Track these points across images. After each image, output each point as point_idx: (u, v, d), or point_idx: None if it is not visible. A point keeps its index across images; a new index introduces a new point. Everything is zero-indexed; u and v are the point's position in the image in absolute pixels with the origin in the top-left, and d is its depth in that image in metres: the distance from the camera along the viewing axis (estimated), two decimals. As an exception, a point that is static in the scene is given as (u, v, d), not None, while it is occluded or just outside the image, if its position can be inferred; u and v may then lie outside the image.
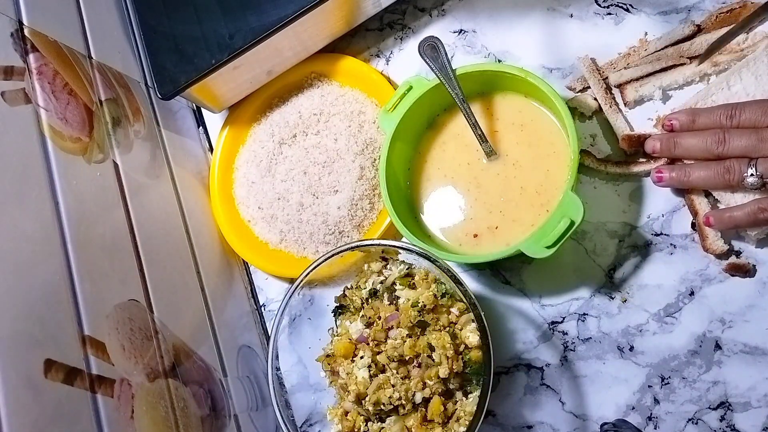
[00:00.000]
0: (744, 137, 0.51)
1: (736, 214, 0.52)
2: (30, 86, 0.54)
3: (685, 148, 0.55)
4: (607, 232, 0.59)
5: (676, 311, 0.56)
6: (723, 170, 0.52)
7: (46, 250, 0.49)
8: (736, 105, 0.53)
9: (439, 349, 0.53)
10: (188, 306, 0.63)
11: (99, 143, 0.59)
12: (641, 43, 0.62)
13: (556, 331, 0.60)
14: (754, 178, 0.51)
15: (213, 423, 0.58)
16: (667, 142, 0.55)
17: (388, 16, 0.72)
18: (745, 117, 0.52)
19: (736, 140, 0.52)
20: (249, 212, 0.72)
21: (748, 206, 0.52)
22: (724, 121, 0.53)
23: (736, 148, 0.52)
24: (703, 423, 0.54)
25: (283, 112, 0.73)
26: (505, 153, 0.62)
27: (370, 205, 0.67)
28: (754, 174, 0.51)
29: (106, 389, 0.48)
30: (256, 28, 0.64)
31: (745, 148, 0.51)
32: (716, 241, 0.55)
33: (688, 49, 0.59)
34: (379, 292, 0.58)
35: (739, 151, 0.52)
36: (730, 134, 0.52)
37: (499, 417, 0.60)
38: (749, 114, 0.52)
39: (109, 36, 0.69)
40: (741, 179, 0.51)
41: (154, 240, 0.61)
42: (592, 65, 0.62)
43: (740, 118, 0.52)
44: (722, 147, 0.52)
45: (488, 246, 0.60)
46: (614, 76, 0.61)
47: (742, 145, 0.52)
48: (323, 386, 0.62)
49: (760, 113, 0.51)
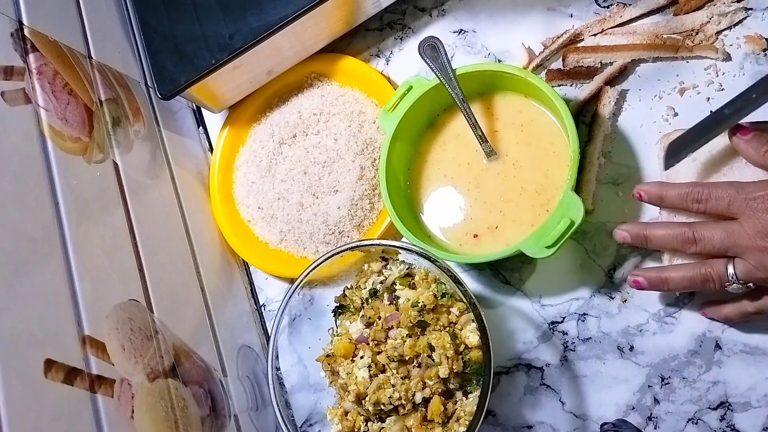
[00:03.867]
0: (716, 237, 0.49)
1: (729, 313, 0.52)
2: (30, 86, 0.54)
3: (657, 243, 0.53)
4: (607, 232, 0.59)
5: (676, 311, 0.56)
6: (701, 279, 0.50)
7: (46, 250, 0.49)
8: (703, 188, 0.50)
9: (439, 349, 0.53)
10: (188, 306, 0.63)
11: (99, 143, 0.59)
12: (618, 8, 0.63)
13: (556, 331, 0.60)
14: (737, 286, 0.49)
15: (213, 423, 0.58)
16: (637, 236, 0.54)
17: (388, 16, 0.72)
18: (711, 205, 0.50)
19: (707, 240, 0.50)
20: (249, 212, 0.72)
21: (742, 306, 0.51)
22: (690, 205, 0.51)
23: (709, 249, 0.50)
24: (703, 423, 0.54)
25: (283, 112, 0.73)
26: (505, 153, 0.62)
27: (370, 205, 0.67)
28: (736, 282, 0.49)
29: (106, 389, 0.48)
30: (256, 28, 0.64)
31: (718, 250, 0.49)
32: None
33: (665, 26, 0.61)
34: (379, 292, 0.58)
35: (712, 252, 0.50)
36: (699, 233, 0.50)
37: (499, 417, 0.60)
38: (716, 202, 0.50)
39: (109, 36, 0.69)
40: (723, 287, 0.50)
41: (154, 240, 0.61)
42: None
43: (707, 205, 0.50)
44: (694, 247, 0.50)
45: (488, 246, 0.60)
46: (589, 40, 0.63)
47: (715, 246, 0.49)
48: (323, 386, 0.62)
49: (726, 203, 0.49)
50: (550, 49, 0.64)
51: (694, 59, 0.60)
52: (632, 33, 0.62)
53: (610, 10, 0.64)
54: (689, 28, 0.60)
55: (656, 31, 0.61)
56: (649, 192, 0.54)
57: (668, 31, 0.61)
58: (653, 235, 0.53)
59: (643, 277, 0.53)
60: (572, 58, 0.63)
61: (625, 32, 0.62)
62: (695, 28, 0.60)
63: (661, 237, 0.52)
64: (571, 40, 0.64)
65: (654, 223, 0.55)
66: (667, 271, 0.53)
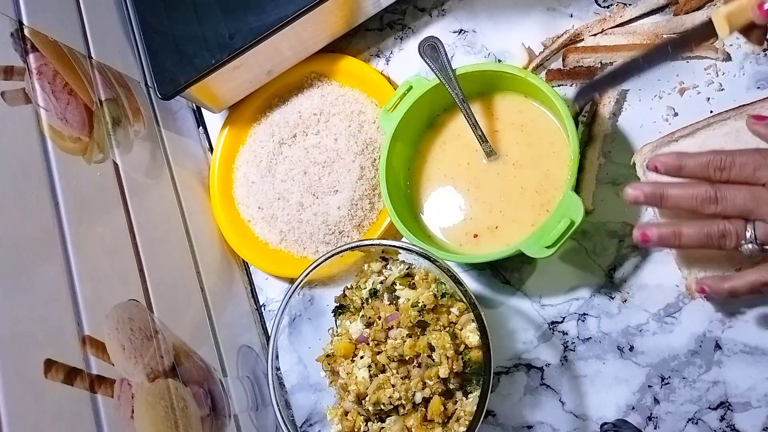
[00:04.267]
0: (739, 196, 0.47)
1: (737, 285, 0.48)
2: (30, 86, 0.54)
3: (674, 202, 0.49)
4: (607, 232, 0.59)
5: (676, 311, 0.56)
6: (718, 235, 0.47)
7: (46, 250, 0.49)
8: (727, 154, 0.48)
9: (439, 349, 0.53)
10: (188, 306, 0.63)
11: (99, 143, 0.59)
12: (618, 8, 0.63)
13: (556, 331, 0.60)
14: (753, 246, 0.46)
15: (213, 423, 0.58)
16: (653, 193, 0.49)
17: (388, 16, 0.72)
18: (736, 171, 0.47)
19: (730, 200, 0.47)
20: (249, 212, 0.72)
21: (750, 276, 0.48)
22: (713, 172, 0.48)
23: (731, 210, 0.47)
24: (703, 423, 0.54)
25: (283, 112, 0.73)
26: (505, 153, 0.62)
27: (370, 205, 0.67)
28: (753, 242, 0.46)
29: (106, 389, 0.48)
30: (256, 28, 0.64)
31: (741, 210, 0.47)
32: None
33: (665, 26, 0.60)
34: (379, 292, 0.58)
35: (734, 213, 0.47)
36: (722, 192, 0.47)
37: (499, 417, 0.60)
38: (740, 170, 0.47)
39: (109, 36, 0.69)
40: (738, 245, 0.47)
41: (154, 240, 0.61)
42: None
43: (731, 171, 0.47)
44: (715, 206, 0.47)
45: (488, 246, 0.60)
46: (590, 40, 0.63)
47: (738, 206, 0.47)
48: (323, 386, 0.62)
49: (751, 169, 0.47)
50: (550, 49, 0.64)
51: (694, 59, 0.60)
52: (632, 33, 0.62)
53: (610, 10, 0.64)
54: (689, 28, 0.60)
55: (656, 31, 0.61)
56: (666, 163, 0.49)
57: (668, 31, 0.61)
58: (670, 194, 0.49)
59: (654, 229, 0.49)
60: (572, 58, 0.63)
61: (625, 32, 0.62)
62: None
63: (679, 196, 0.48)
64: (571, 40, 0.64)
65: (672, 183, 0.50)
66: (681, 225, 0.49)
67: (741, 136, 0.52)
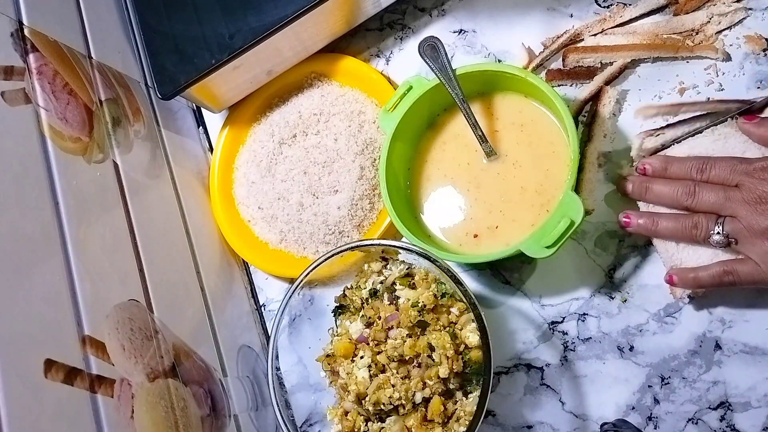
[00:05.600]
0: (713, 193, 0.52)
1: (701, 275, 0.53)
2: (30, 86, 0.54)
3: (656, 195, 0.55)
4: (607, 232, 0.59)
5: (676, 311, 0.56)
6: (691, 225, 0.53)
7: (46, 250, 0.49)
8: (707, 159, 0.54)
9: (439, 349, 0.53)
10: (188, 306, 0.63)
11: (99, 143, 0.59)
12: (618, 8, 0.63)
13: (556, 331, 0.60)
14: (720, 237, 0.51)
15: (213, 423, 0.58)
16: (640, 185, 0.56)
17: (388, 16, 0.72)
18: (714, 173, 0.53)
19: (705, 195, 0.52)
20: (249, 212, 0.72)
21: (713, 268, 0.52)
22: (694, 174, 0.54)
23: (705, 204, 0.53)
24: (703, 423, 0.54)
25: (283, 112, 0.73)
26: (505, 153, 0.62)
27: (370, 205, 0.67)
28: (720, 233, 0.51)
29: (106, 389, 0.48)
30: (256, 28, 0.64)
31: (714, 205, 0.52)
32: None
33: (665, 26, 0.61)
34: (379, 292, 0.58)
35: (707, 207, 0.53)
36: (700, 188, 0.53)
37: (499, 417, 0.60)
38: (719, 171, 0.53)
39: (109, 36, 0.69)
40: (707, 236, 0.52)
41: (154, 240, 0.61)
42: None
43: (710, 173, 0.53)
44: (691, 200, 0.53)
45: (488, 246, 0.60)
46: (590, 40, 0.63)
47: (711, 201, 0.52)
48: (323, 386, 0.62)
49: (728, 171, 0.52)
50: (550, 49, 0.64)
51: (694, 59, 0.60)
52: (632, 33, 0.62)
53: (610, 10, 0.64)
54: (689, 28, 0.60)
55: (656, 31, 0.61)
56: (653, 164, 0.56)
57: (668, 31, 0.61)
58: (654, 188, 0.56)
59: (635, 217, 0.56)
60: (572, 58, 0.63)
61: (625, 32, 0.62)
62: (695, 28, 0.60)
63: (661, 189, 0.55)
64: (571, 40, 0.64)
65: (657, 179, 0.56)
66: (658, 216, 0.55)
67: (729, 141, 0.55)
